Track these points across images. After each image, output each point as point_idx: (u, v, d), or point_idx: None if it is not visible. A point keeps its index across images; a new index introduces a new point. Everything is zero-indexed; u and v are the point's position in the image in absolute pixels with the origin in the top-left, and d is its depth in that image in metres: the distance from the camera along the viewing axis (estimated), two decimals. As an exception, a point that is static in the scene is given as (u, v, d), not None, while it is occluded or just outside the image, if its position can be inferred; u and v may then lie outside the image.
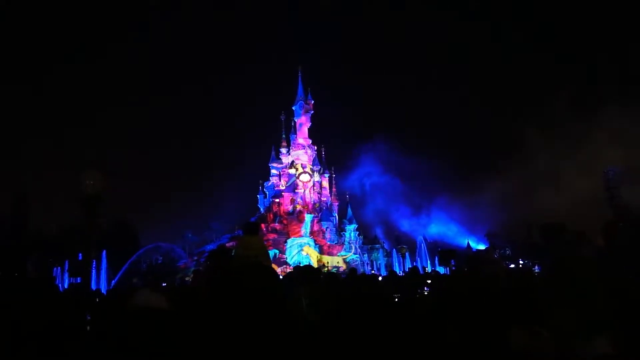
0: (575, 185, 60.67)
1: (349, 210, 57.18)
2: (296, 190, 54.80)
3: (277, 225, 52.48)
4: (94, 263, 40.21)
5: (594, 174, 62.09)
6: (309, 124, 57.94)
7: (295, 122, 58.07)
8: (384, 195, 64.05)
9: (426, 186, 76.90)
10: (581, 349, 1.90)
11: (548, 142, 67.46)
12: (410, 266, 40.64)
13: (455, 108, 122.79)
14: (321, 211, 55.02)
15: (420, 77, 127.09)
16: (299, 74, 59.25)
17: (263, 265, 3.81)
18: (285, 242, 51.98)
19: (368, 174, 65.09)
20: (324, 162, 58.44)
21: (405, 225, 63.43)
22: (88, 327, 4.19)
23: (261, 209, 56.05)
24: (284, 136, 58.41)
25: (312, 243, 51.13)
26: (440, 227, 64.56)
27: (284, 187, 55.65)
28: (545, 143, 67.92)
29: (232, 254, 4.71)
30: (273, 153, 57.92)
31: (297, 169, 55.86)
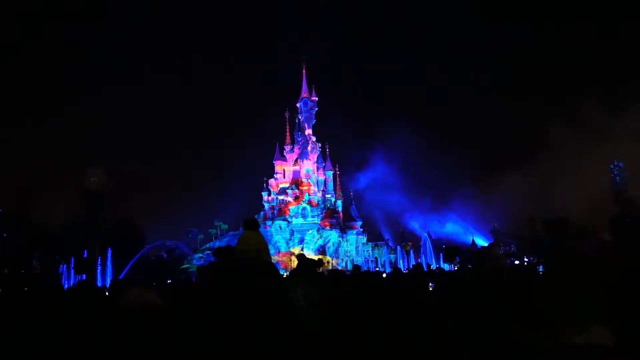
0: (589, 181, 60.29)
1: (353, 207, 57.21)
2: (300, 188, 54.84)
3: (281, 222, 52.65)
4: (99, 260, 40.42)
5: (607, 171, 61.78)
6: (313, 121, 57.92)
7: (299, 119, 58.07)
8: (389, 192, 63.95)
9: (432, 183, 76.91)
10: (576, 339, 1.91)
11: (565, 139, 66.77)
12: (414, 263, 40.56)
13: (466, 105, 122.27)
14: (325, 208, 55.07)
15: (428, 72, 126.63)
16: (303, 71, 59.27)
17: (264, 261, 3.83)
18: (290, 238, 52.13)
19: (372, 171, 65.01)
20: (329, 158, 58.48)
21: (411, 222, 63.34)
22: (91, 324, 4.22)
23: (265, 206, 56.11)
24: (288, 133, 58.47)
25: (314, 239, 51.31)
26: (445, 224, 64.45)
27: (288, 184, 55.69)
28: (562, 140, 67.25)
29: (234, 248, 4.73)
30: (277, 150, 57.98)
31: (301, 166, 55.90)
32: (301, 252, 47.68)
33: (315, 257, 46.74)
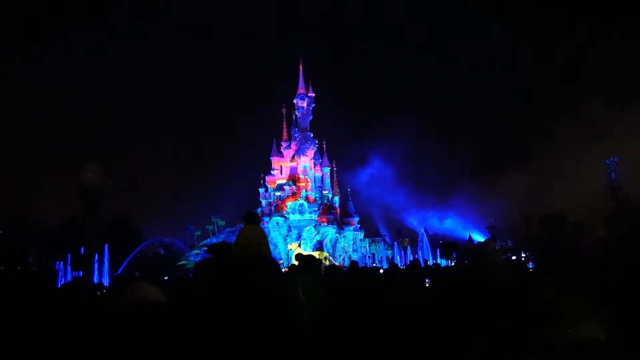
0: (591, 178, 60.15)
1: (350, 203, 57.28)
2: (297, 184, 54.86)
3: (279, 218, 52.72)
4: (96, 256, 40.31)
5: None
6: (310, 117, 57.91)
7: (296, 115, 58.03)
8: (386, 188, 63.96)
9: (431, 179, 76.92)
10: (568, 334, 1.90)
11: (567, 137, 66.35)
12: (411, 259, 40.70)
13: (467, 102, 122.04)
14: (322, 204, 55.13)
15: (428, 70, 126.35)
16: (300, 67, 59.21)
17: (264, 256, 3.82)
18: (288, 235, 52.19)
19: (370, 167, 65.02)
20: (325, 155, 58.55)
21: (408, 218, 63.39)
22: (87, 319, 4.21)
23: (262, 203, 56.14)
24: (285, 129, 58.47)
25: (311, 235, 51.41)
26: (443, 220, 64.46)
27: (285, 181, 55.71)
28: (564, 138, 66.87)
29: (234, 243, 4.72)
30: (274, 146, 58.00)
31: (298, 162, 55.91)
32: (299, 250, 47.77)
33: (315, 254, 46.84)
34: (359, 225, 56.29)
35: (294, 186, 54.83)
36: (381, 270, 14.79)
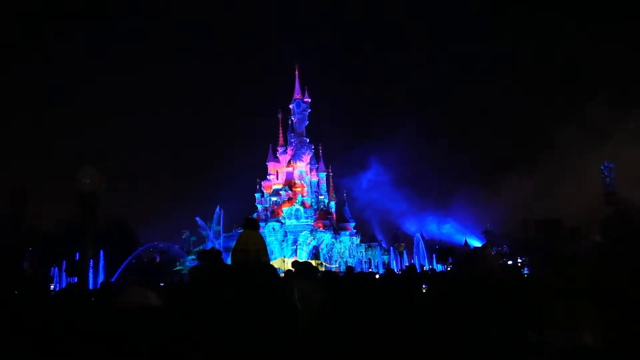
0: (589, 183, 60.38)
1: (347, 208, 57.26)
2: (293, 189, 54.81)
3: (275, 224, 52.58)
4: (91, 262, 40.04)
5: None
6: (306, 122, 57.96)
7: (292, 120, 58.07)
8: (383, 193, 63.96)
9: (427, 184, 77.05)
10: (562, 340, 1.89)
11: (566, 141, 66.37)
12: (407, 264, 40.63)
13: (465, 106, 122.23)
14: (318, 210, 55.07)
15: (427, 73, 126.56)
16: (296, 72, 59.31)
17: (262, 262, 3.80)
18: (284, 240, 52.07)
19: (366, 172, 65.04)
20: (322, 160, 58.54)
21: (404, 223, 63.39)
22: (81, 325, 4.17)
23: (259, 208, 56.03)
24: (281, 134, 58.47)
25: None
26: (440, 225, 64.47)
27: (281, 186, 55.65)
28: (563, 142, 66.90)
29: (232, 248, 4.69)
30: (270, 151, 57.99)
31: (294, 167, 55.88)
32: (295, 258, 47.68)
33: (312, 261, 46.63)
34: (355, 230, 56.25)
35: (290, 191, 54.78)
36: (377, 276, 14.75)
